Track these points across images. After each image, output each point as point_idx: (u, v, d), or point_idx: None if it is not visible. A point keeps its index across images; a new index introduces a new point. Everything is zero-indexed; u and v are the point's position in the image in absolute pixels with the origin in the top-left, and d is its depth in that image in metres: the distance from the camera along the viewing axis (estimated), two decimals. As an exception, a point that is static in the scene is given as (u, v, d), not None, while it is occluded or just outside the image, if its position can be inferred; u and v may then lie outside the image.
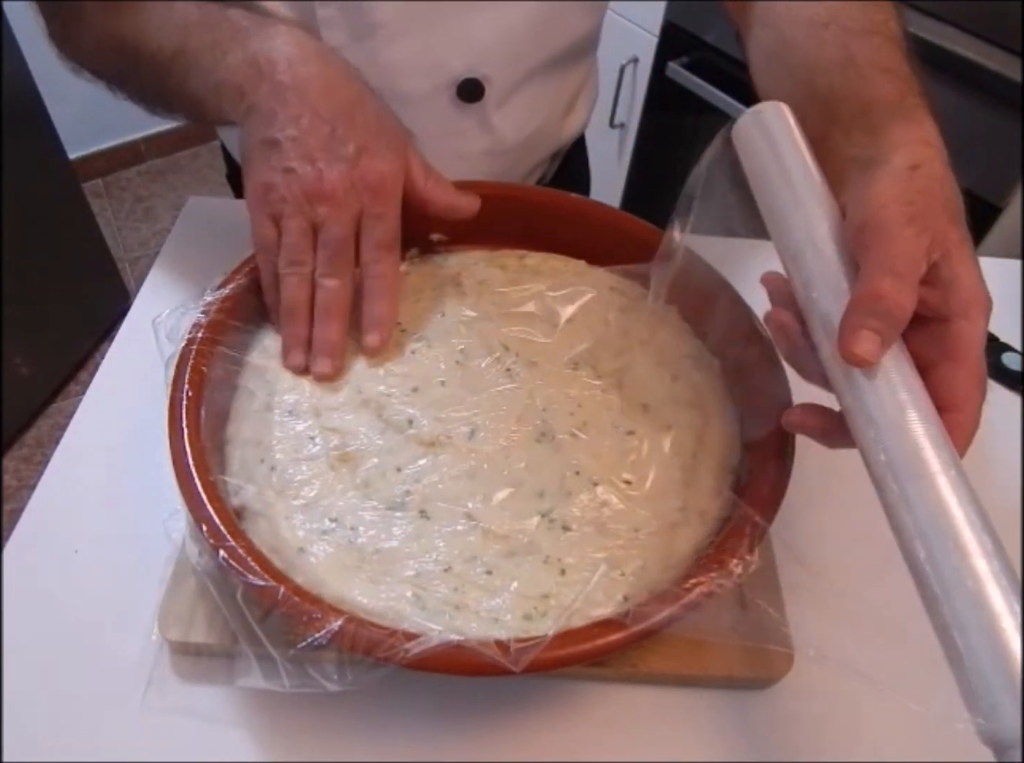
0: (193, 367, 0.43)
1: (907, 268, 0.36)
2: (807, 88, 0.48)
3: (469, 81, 0.64)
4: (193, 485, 0.39)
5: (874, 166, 0.40)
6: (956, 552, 0.31)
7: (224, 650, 0.40)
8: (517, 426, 0.44)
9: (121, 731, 0.40)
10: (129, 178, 2.26)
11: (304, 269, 0.45)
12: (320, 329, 0.46)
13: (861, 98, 0.45)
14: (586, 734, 0.42)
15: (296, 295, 0.45)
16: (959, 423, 0.36)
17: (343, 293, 0.46)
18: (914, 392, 0.35)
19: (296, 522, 0.40)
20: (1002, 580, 0.30)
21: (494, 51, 0.63)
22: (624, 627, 0.35)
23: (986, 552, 0.31)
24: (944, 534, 0.32)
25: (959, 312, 0.37)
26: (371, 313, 0.47)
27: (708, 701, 0.43)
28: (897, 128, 0.42)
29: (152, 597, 0.42)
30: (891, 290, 0.36)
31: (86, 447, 0.52)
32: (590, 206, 0.56)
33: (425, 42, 0.61)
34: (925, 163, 0.40)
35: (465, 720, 0.41)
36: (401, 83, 0.63)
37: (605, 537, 0.40)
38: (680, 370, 0.48)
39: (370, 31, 0.59)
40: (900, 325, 0.36)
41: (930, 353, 0.37)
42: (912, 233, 0.37)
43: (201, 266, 0.48)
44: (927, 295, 0.37)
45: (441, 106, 0.65)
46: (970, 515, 0.32)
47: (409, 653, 0.33)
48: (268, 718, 0.41)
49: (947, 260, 0.37)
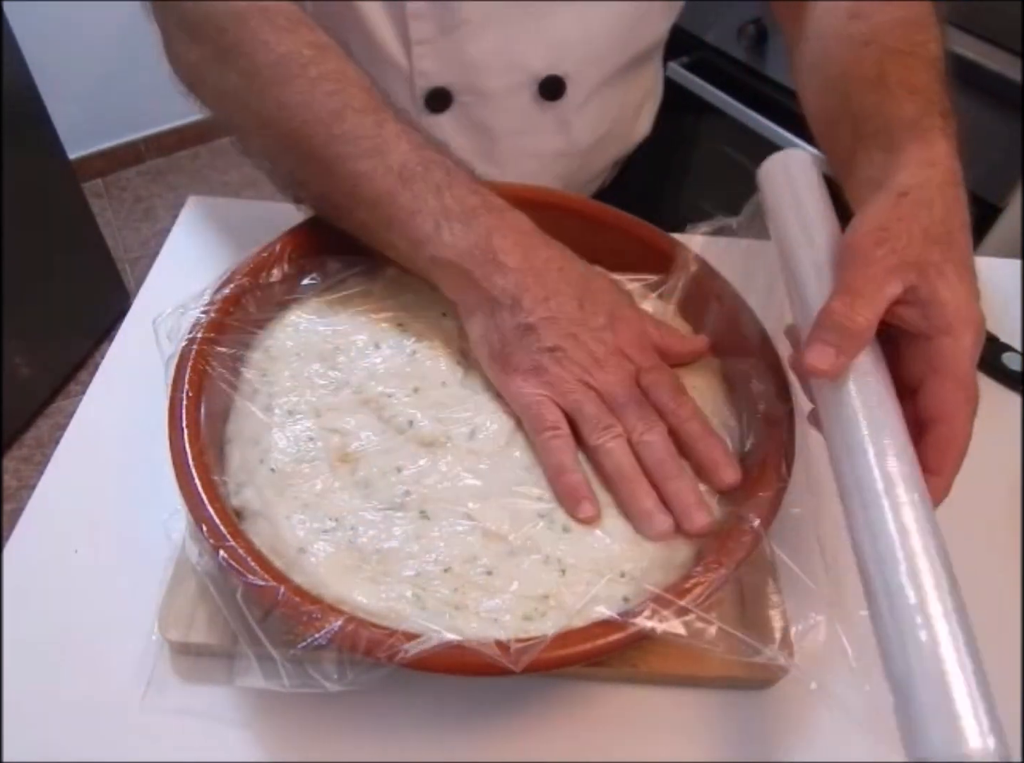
0: (193, 367, 0.43)
1: (863, 286, 0.39)
2: (842, 103, 0.50)
3: (551, 79, 0.65)
4: (193, 485, 0.39)
5: (877, 191, 0.42)
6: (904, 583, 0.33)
7: (224, 650, 0.40)
8: (517, 427, 0.44)
9: (121, 731, 0.40)
10: (129, 178, 2.26)
11: (619, 431, 0.42)
12: (671, 486, 0.41)
13: (884, 116, 0.47)
14: (586, 734, 0.42)
15: (624, 459, 0.42)
16: (946, 436, 0.38)
17: (670, 444, 0.42)
18: (876, 416, 0.38)
19: (296, 522, 0.40)
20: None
21: (577, 50, 0.64)
22: (624, 627, 0.35)
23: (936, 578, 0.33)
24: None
25: (942, 329, 0.39)
26: (709, 455, 0.43)
27: (708, 701, 0.43)
28: (909, 148, 0.44)
29: (152, 597, 0.42)
30: (842, 306, 0.38)
31: (86, 447, 0.52)
32: (592, 207, 0.56)
33: (509, 38, 0.61)
34: (916, 188, 0.42)
35: (465, 720, 0.41)
36: (484, 79, 0.63)
37: (605, 538, 0.40)
38: (680, 370, 0.48)
39: (457, 26, 0.60)
40: (856, 339, 0.38)
41: (918, 369, 0.39)
42: (877, 255, 0.39)
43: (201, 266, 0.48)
44: (907, 314, 0.39)
45: (522, 103, 0.66)
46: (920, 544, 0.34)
47: (409, 653, 0.33)
48: (268, 718, 0.41)
49: (925, 280, 0.39)
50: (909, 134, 0.45)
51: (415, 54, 0.61)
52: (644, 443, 0.42)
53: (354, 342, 0.48)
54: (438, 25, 0.60)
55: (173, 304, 0.45)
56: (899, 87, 0.47)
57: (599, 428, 0.42)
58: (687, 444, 0.43)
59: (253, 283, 0.48)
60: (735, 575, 0.38)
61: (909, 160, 0.43)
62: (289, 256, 0.49)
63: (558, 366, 0.43)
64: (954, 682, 0.30)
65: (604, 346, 0.43)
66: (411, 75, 0.63)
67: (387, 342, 0.48)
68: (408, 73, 0.63)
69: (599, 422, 0.42)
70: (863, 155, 0.47)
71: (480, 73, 0.63)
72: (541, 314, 0.43)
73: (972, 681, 0.30)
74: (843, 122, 0.50)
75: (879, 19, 0.52)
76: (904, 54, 0.49)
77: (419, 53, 0.61)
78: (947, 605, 0.32)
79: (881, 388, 0.39)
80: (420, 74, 0.63)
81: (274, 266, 0.49)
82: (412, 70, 0.62)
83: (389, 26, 0.60)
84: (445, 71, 0.63)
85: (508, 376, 0.44)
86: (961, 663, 0.31)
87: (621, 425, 0.42)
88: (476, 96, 0.64)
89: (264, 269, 0.48)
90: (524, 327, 0.43)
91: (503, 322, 0.44)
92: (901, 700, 0.32)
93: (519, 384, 0.43)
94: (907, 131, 0.45)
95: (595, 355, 0.43)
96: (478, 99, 0.64)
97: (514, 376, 0.43)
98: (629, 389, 0.43)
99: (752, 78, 1.34)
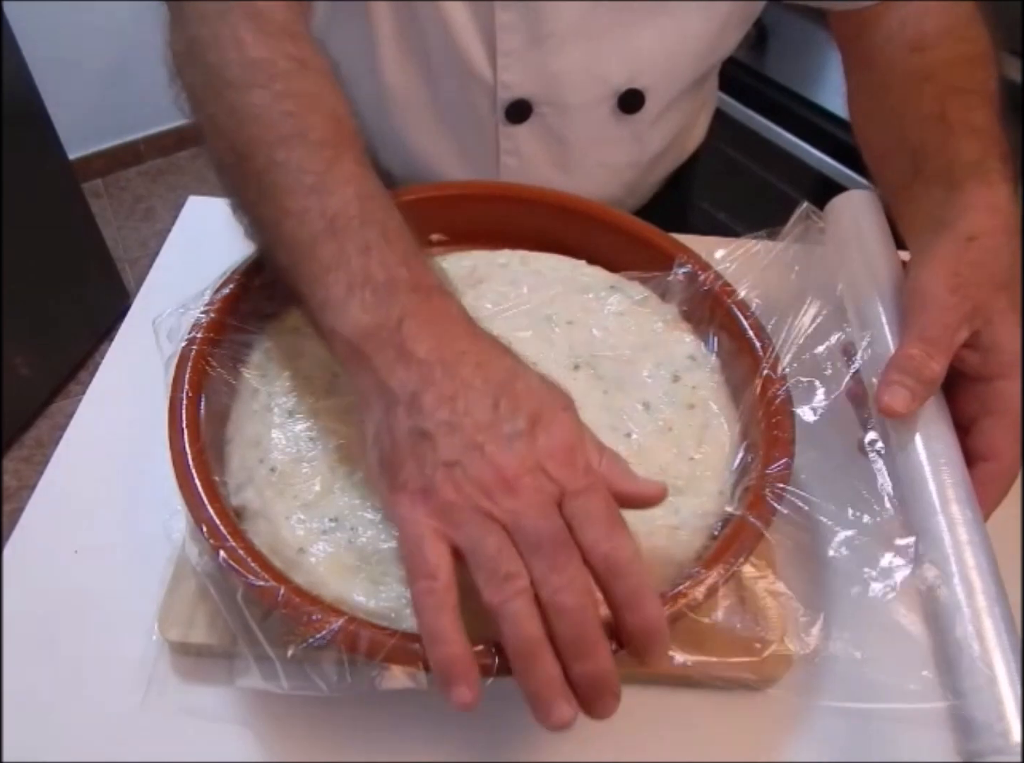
0: (193, 367, 0.43)
1: (939, 334, 0.40)
2: (899, 136, 0.52)
3: (631, 92, 0.65)
4: (193, 485, 0.39)
5: (940, 230, 0.44)
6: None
7: (224, 650, 0.40)
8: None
9: (121, 731, 0.40)
10: (129, 178, 2.26)
11: (524, 584, 0.32)
12: (580, 665, 0.32)
13: (946, 155, 0.48)
14: (585, 734, 0.42)
15: (530, 629, 0.31)
16: (994, 472, 0.40)
17: (592, 610, 0.32)
18: (939, 453, 0.40)
19: (295, 522, 0.40)
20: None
21: (657, 65, 0.64)
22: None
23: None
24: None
25: (999, 373, 0.41)
26: (641, 621, 0.33)
27: (708, 701, 0.43)
28: (971, 189, 0.45)
29: (152, 597, 0.42)
30: (920, 354, 0.40)
31: (86, 447, 0.52)
32: (592, 207, 0.56)
33: (593, 52, 0.62)
34: (983, 234, 0.43)
35: (465, 720, 0.41)
36: (566, 91, 0.64)
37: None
38: (680, 371, 0.48)
39: (544, 38, 0.60)
40: (929, 385, 0.40)
41: (973, 408, 0.42)
42: (952, 303, 0.41)
43: (201, 266, 0.48)
44: (968, 357, 0.41)
45: (601, 116, 0.66)
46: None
47: (408, 654, 0.33)
48: (268, 718, 0.41)
49: (988, 326, 0.41)
50: (972, 175, 0.46)
51: (500, 65, 0.62)
52: (556, 604, 0.32)
53: (354, 342, 0.47)
54: (526, 37, 0.60)
55: (173, 304, 0.45)
56: (960, 126, 0.48)
57: (497, 579, 0.32)
58: (620, 604, 0.33)
59: (253, 283, 0.48)
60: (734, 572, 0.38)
61: (973, 203, 0.44)
62: (289, 256, 0.49)
63: (452, 487, 0.33)
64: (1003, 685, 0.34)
65: (517, 460, 0.33)
66: (494, 86, 0.63)
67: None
68: (491, 84, 0.63)
69: (498, 570, 0.32)
70: (922, 190, 0.48)
71: (563, 85, 0.63)
72: (441, 417, 0.34)
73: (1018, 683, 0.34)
74: (900, 154, 0.51)
75: (941, 54, 0.53)
76: (966, 92, 0.50)
77: (504, 64, 0.61)
78: (996, 617, 0.35)
79: (945, 432, 0.41)
80: (503, 85, 0.63)
81: (274, 266, 0.48)
82: (496, 81, 0.63)
83: (476, 36, 0.60)
84: (528, 83, 0.63)
85: (393, 494, 0.35)
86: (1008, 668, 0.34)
87: (528, 573, 0.32)
88: (556, 108, 0.64)
89: (264, 269, 0.48)
90: (419, 433, 0.34)
91: (397, 423, 0.35)
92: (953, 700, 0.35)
93: (403, 507, 0.34)
94: (970, 172, 0.46)
95: (502, 472, 0.33)
96: (558, 111, 0.65)
97: (400, 495, 0.34)
98: (544, 522, 0.32)
99: (752, 79, 1.34)
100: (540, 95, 0.64)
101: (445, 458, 0.33)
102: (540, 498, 0.33)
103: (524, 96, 0.64)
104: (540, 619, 0.32)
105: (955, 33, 0.54)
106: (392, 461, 0.35)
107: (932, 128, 0.49)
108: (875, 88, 0.57)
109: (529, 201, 0.56)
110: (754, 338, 0.47)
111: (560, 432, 0.35)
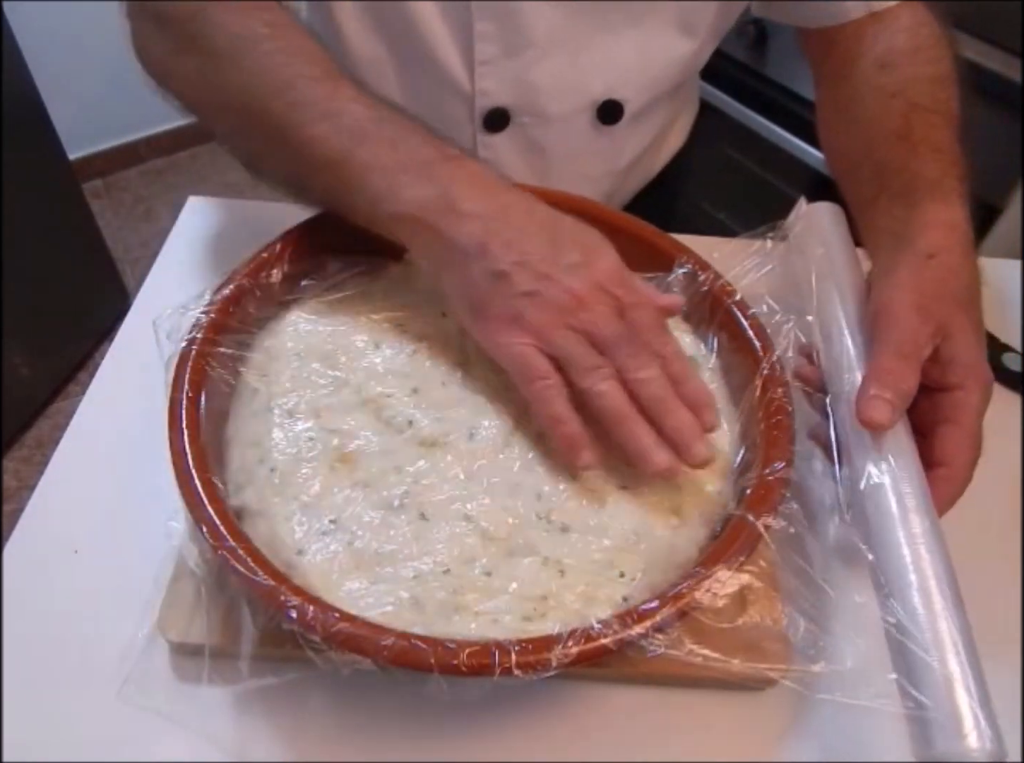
0: (193, 367, 0.43)
1: (912, 351, 0.43)
2: (865, 148, 0.55)
3: (610, 103, 0.65)
4: (193, 485, 0.38)
5: (901, 246, 0.47)
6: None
7: (223, 651, 0.40)
8: (516, 427, 0.44)
9: (120, 731, 0.40)
10: (129, 178, 2.26)
11: (610, 371, 0.41)
12: (671, 420, 0.40)
13: (908, 173, 0.51)
14: (586, 734, 0.42)
15: (619, 399, 0.40)
16: (946, 476, 0.42)
17: (664, 380, 0.41)
18: (900, 466, 0.42)
19: (295, 523, 0.40)
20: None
21: (635, 74, 0.65)
22: (624, 628, 0.35)
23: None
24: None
25: (956, 384, 0.43)
26: (691, 395, 0.41)
27: (708, 701, 0.43)
28: (930, 207, 0.48)
29: (152, 597, 0.42)
30: (896, 368, 0.42)
31: (86, 447, 0.52)
32: (592, 207, 0.56)
33: (572, 63, 0.62)
34: (943, 251, 0.46)
35: (465, 720, 0.41)
36: (545, 102, 0.64)
37: (604, 539, 0.40)
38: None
39: (523, 48, 0.60)
40: (907, 397, 0.42)
41: (932, 417, 0.44)
42: (919, 322, 0.43)
43: (201, 266, 0.48)
44: (929, 370, 0.43)
45: (580, 127, 0.66)
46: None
47: (408, 654, 0.33)
48: (267, 718, 0.41)
49: (948, 341, 0.44)
50: (930, 192, 0.49)
51: (478, 74, 0.62)
52: (638, 381, 0.40)
53: (354, 342, 0.48)
54: (504, 47, 0.60)
55: (173, 304, 0.45)
56: (923, 144, 0.51)
57: (588, 370, 0.40)
58: (673, 384, 0.41)
59: (253, 283, 0.48)
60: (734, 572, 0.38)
61: (931, 221, 0.47)
62: (289, 256, 0.49)
63: (537, 310, 0.41)
64: (958, 690, 0.34)
65: (582, 283, 0.41)
66: (472, 95, 0.63)
67: (387, 342, 0.48)
68: (469, 93, 0.63)
69: (587, 364, 0.40)
70: (885, 205, 0.51)
71: (541, 95, 0.63)
72: (512, 258, 0.41)
73: (973, 687, 0.34)
74: (865, 167, 0.54)
75: (908, 72, 0.56)
76: (929, 111, 0.53)
77: (482, 73, 0.62)
78: (952, 624, 0.36)
79: (906, 443, 0.43)
80: (481, 94, 0.63)
81: (274, 266, 0.49)
82: (474, 90, 0.63)
83: (453, 46, 0.61)
84: (507, 92, 0.63)
85: (488, 329, 0.42)
86: (964, 673, 0.35)
87: (611, 365, 0.41)
88: (535, 118, 0.65)
89: (264, 269, 0.48)
90: (496, 274, 0.41)
91: (474, 272, 0.41)
92: (911, 705, 0.35)
93: (500, 335, 0.41)
94: (929, 191, 0.49)
95: (574, 293, 0.41)
96: (537, 121, 0.65)
97: (494, 328, 0.42)
98: (615, 326, 0.41)
99: (752, 78, 1.34)
100: (519, 105, 0.64)
101: (524, 289, 0.41)
102: (607, 309, 0.41)
103: (502, 105, 0.64)
104: (626, 395, 0.40)
105: (922, 54, 0.57)
106: (480, 303, 0.42)
107: (896, 146, 0.52)
108: (844, 102, 0.60)
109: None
110: (754, 338, 0.47)
111: (607, 260, 0.43)
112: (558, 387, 0.41)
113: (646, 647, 0.36)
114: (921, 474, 0.42)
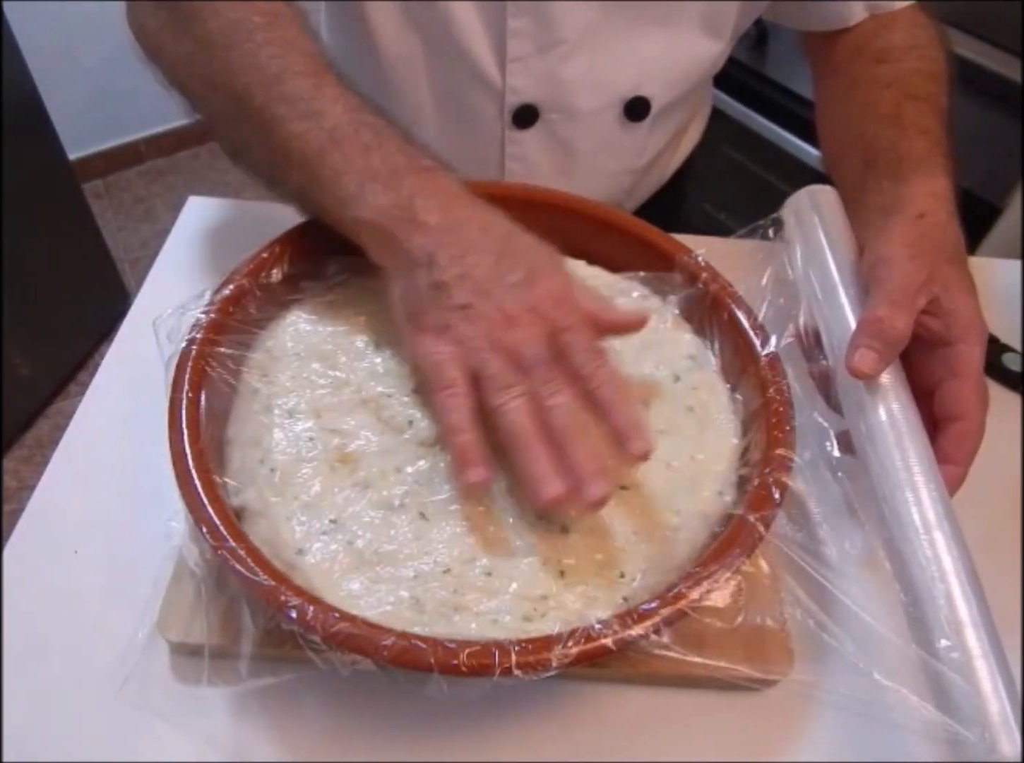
0: (193, 367, 0.43)
1: (902, 298, 0.43)
2: (857, 132, 0.57)
3: (637, 99, 0.66)
4: (193, 486, 0.38)
5: (891, 214, 0.48)
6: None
7: (223, 651, 0.40)
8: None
9: (120, 731, 0.40)
10: (129, 178, 2.26)
11: (522, 391, 0.40)
12: (572, 451, 0.38)
13: (898, 151, 0.53)
14: (586, 734, 0.42)
15: (523, 421, 0.39)
16: (966, 431, 0.43)
17: (577, 408, 0.40)
18: (903, 432, 0.42)
19: (296, 523, 0.40)
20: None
21: (661, 72, 0.66)
22: (624, 628, 0.35)
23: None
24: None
25: (960, 337, 0.44)
26: (619, 423, 0.40)
27: (708, 701, 0.43)
28: (917, 180, 0.50)
29: (151, 598, 0.42)
30: (886, 315, 0.43)
31: (86, 447, 0.52)
32: (592, 207, 0.56)
33: (602, 59, 0.63)
34: (931, 213, 0.48)
35: (465, 720, 0.41)
36: (574, 99, 0.65)
37: (604, 539, 0.40)
38: (680, 370, 0.48)
39: (554, 45, 0.61)
40: (896, 345, 0.43)
41: (937, 372, 0.44)
42: (912, 269, 0.44)
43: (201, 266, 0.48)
44: (930, 323, 0.44)
45: (606, 123, 0.67)
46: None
47: (408, 654, 0.33)
48: (267, 718, 0.41)
49: (947, 293, 0.45)
50: (916, 168, 0.51)
51: (509, 71, 0.62)
52: (548, 407, 0.39)
53: (354, 342, 0.48)
54: (536, 44, 0.61)
55: (173, 304, 0.45)
56: (912, 127, 0.54)
57: (500, 389, 0.40)
58: (600, 410, 0.40)
59: (253, 283, 0.48)
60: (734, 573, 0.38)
61: (917, 191, 0.49)
62: (289, 256, 0.49)
63: (466, 324, 0.41)
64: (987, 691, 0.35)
65: (517, 302, 0.41)
66: (502, 91, 0.64)
67: (387, 342, 0.48)
68: (499, 89, 0.64)
69: (501, 382, 0.40)
70: (873, 183, 0.52)
71: (571, 92, 0.64)
72: (456, 271, 0.41)
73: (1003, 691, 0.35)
74: (855, 150, 0.56)
75: (902, 66, 0.59)
76: (920, 100, 0.56)
77: (513, 70, 0.62)
78: (972, 610, 0.37)
79: (906, 402, 0.43)
80: (511, 90, 0.64)
81: (274, 266, 0.49)
82: (504, 86, 0.63)
83: (486, 43, 0.61)
84: (536, 88, 0.64)
85: (416, 337, 0.42)
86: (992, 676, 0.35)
87: (528, 387, 0.40)
88: (563, 114, 0.65)
89: (264, 269, 0.48)
90: (437, 285, 0.41)
91: (418, 281, 0.42)
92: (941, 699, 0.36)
93: (425, 344, 0.42)
94: (916, 165, 0.51)
95: (507, 312, 0.41)
96: (565, 117, 0.66)
97: (423, 335, 0.42)
98: (538, 349, 0.40)
99: (752, 79, 1.34)
100: (548, 101, 0.64)
101: (459, 302, 0.41)
102: (535, 331, 0.40)
103: (532, 101, 0.64)
104: (535, 419, 0.39)
105: (917, 51, 0.61)
106: (416, 312, 0.42)
107: (887, 126, 0.55)
108: (840, 94, 0.62)
109: (530, 202, 0.56)
110: (754, 338, 0.47)
111: (551, 282, 0.42)
112: (463, 398, 0.40)
113: (646, 647, 0.36)
114: (922, 429, 0.42)
